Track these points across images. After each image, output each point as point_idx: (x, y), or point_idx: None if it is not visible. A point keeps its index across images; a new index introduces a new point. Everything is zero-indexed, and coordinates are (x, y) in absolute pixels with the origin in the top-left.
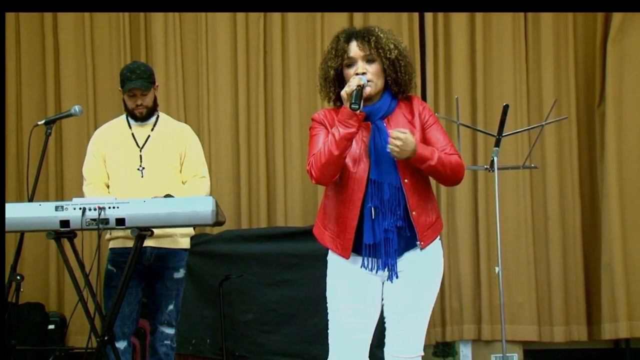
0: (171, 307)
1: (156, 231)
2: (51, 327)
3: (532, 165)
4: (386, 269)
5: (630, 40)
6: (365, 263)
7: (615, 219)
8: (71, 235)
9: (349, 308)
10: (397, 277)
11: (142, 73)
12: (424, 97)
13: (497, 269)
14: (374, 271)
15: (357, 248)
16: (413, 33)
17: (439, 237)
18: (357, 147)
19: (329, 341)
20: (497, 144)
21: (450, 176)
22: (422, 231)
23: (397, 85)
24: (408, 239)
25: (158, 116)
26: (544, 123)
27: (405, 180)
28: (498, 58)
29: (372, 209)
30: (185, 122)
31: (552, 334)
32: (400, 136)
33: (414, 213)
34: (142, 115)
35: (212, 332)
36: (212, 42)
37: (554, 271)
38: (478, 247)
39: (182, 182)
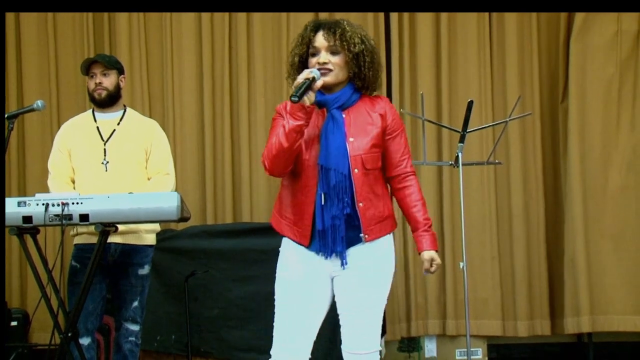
0: (136, 303)
1: (121, 227)
2: (13, 323)
3: (497, 161)
4: (334, 256)
5: (593, 38)
6: (315, 247)
7: (577, 214)
8: (34, 231)
9: (298, 299)
10: (346, 263)
11: (105, 56)
12: (389, 93)
13: (461, 264)
14: (325, 257)
15: (312, 236)
16: (379, 31)
17: (390, 236)
18: (311, 133)
19: (274, 333)
20: (462, 140)
21: None
22: (367, 224)
23: (360, 80)
24: (356, 229)
25: (125, 111)
26: (508, 119)
27: (355, 170)
28: (463, 54)
29: (322, 195)
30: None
31: (516, 329)
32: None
33: (360, 204)
34: (101, 97)
35: (178, 328)
36: (176, 39)
37: (518, 266)
38: (443, 242)
39: (148, 179)
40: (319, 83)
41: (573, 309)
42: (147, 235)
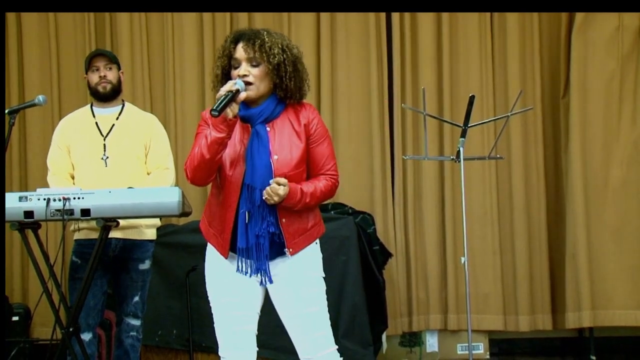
0: (137, 298)
1: (122, 222)
2: (15, 318)
3: (498, 155)
4: (258, 274)
5: (594, 33)
6: (239, 267)
7: (579, 209)
8: (35, 226)
9: (230, 302)
10: (270, 281)
11: (106, 51)
12: (390, 89)
13: (462, 259)
14: (248, 275)
15: (234, 248)
16: (380, 29)
17: (316, 242)
18: (236, 150)
19: (217, 335)
20: (463, 135)
21: (314, 203)
22: (290, 239)
23: (282, 90)
24: (280, 245)
25: (124, 105)
26: (509, 114)
27: None
28: (464, 49)
29: (246, 213)
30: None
31: (517, 324)
32: (280, 192)
33: (283, 220)
34: (106, 90)
35: (179, 323)
36: (178, 39)
37: (519, 261)
38: (444, 237)
39: (147, 173)
40: (242, 95)
41: (574, 303)
42: (148, 230)
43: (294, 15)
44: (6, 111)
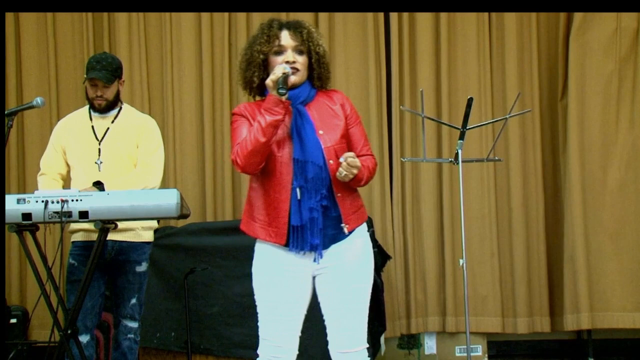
0: (134, 300)
1: (118, 224)
2: (13, 321)
3: (496, 158)
4: (312, 251)
5: (592, 35)
6: (293, 244)
7: (577, 211)
8: (33, 228)
9: (279, 299)
10: (321, 257)
11: (107, 65)
12: (388, 90)
13: (461, 261)
14: (302, 252)
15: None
16: (378, 30)
17: (365, 227)
18: (280, 131)
19: (260, 333)
20: (462, 137)
21: (368, 181)
22: (347, 214)
23: (320, 80)
24: (334, 221)
25: (121, 108)
26: (507, 116)
27: (330, 162)
28: (462, 51)
29: (298, 189)
30: (150, 116)
31: (516, 326)
32: (358, 163)
33: (339, 194)
34: (101, 107)
35: (177, 325)
36: (176, 39)
37: (518, 263)
38: (442, 239)
39: None
40: (292, 78)
41: (572, 305)
42: (144, 232)
43: (293, 15)
44: (4, 113)
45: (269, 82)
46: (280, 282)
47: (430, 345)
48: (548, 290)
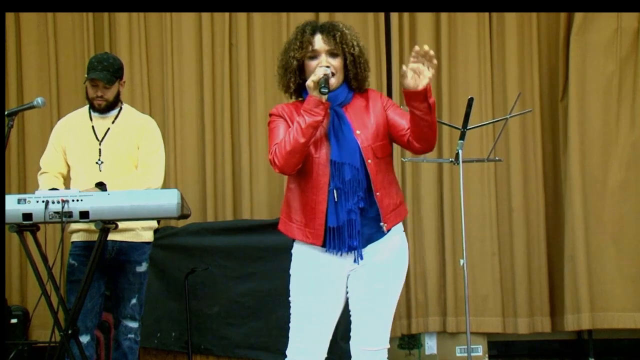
0: (134, 300)
1: (119, 224)
2: (13, 321)
3: (497, 158)
4: (350, 252)
5: (593, 35)
6: (331, 245)
7: (577, 211)
8: (34, 228)
9: (314, 300)
10: (362, 258)
11: (109, 66)
12: (389, 89)
13: (461, 261)
14: (339, 254)
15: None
16: (379, 30)
17: (402, 226)
18: (318, 133)
19: (290, 334)
20: (462, 137)
21: (433, 130)
22: (385, 213)
23: (357, 80)
24: (372, 221)
25: (121, 109)
26: (508, 116)
27: (369, 161)
28: (463, 52)
29: (335, 191)
30: (150, 116)
31: (516, 326)
32: (431, 53)
33: (377, 194)
34: (101, 107)
35: (178, 326)
36: (177, 39)
37: (518, 263)
38: (443, 239)
39: None
40: (332, 80)
41: (573, 305)
42: (144, 233)
43: (293, 15)
44: (5, 113)
45: (309, 83)
46: (316, 285)
47: (430, 345)
48: (548, 290)
